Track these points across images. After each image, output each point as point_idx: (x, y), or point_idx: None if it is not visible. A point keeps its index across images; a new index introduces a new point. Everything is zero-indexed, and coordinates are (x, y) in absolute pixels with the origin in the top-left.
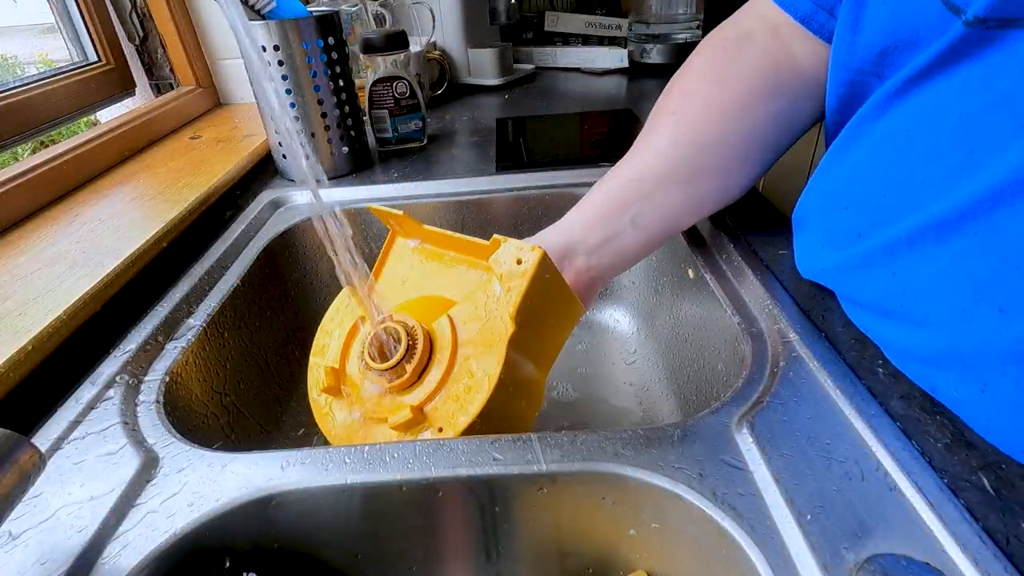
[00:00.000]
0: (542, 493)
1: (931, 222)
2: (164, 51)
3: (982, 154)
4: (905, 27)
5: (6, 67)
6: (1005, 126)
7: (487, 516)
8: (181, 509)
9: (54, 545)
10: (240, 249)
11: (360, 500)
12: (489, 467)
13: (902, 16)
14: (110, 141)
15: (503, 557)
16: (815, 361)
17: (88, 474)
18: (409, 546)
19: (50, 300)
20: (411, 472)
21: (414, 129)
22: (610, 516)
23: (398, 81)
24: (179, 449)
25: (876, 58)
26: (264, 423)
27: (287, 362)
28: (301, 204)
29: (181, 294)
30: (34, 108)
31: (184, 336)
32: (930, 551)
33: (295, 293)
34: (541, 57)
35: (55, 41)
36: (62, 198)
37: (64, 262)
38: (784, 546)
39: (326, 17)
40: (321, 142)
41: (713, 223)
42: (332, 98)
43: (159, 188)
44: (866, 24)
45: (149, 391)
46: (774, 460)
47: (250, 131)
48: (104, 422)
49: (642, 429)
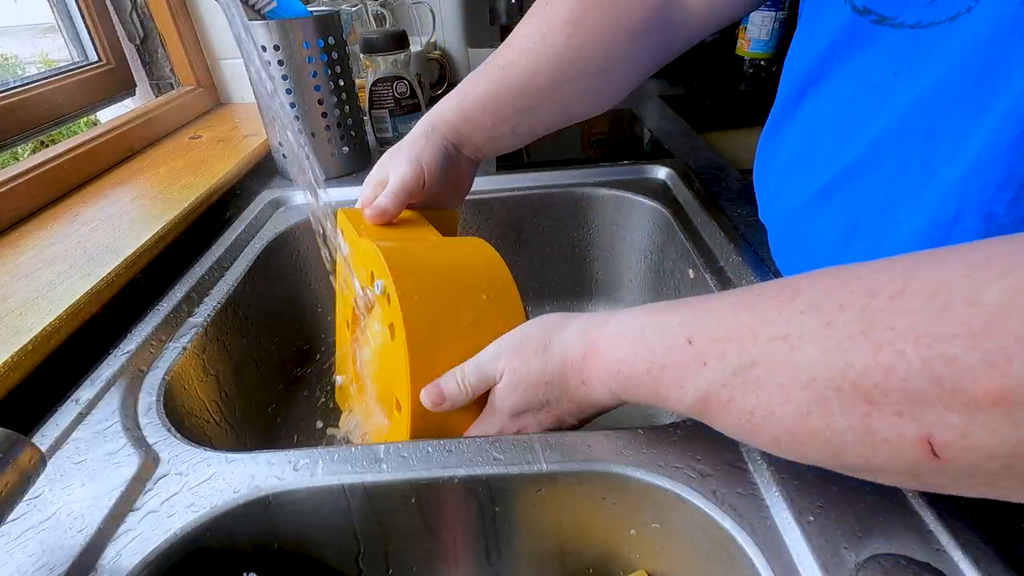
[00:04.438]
0: (542, 493)
1: (820, 187)
2: (164, 51)
3: (852, 131)
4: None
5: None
6: (872, 108)
7: (487, 516)
8: (181, 509)
9: (54, 545)
10: (240, 249)
11: (360, 500)
12: (489, 467)
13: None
14: (110, 141)
15: (503, 557)
16: None
17: (88, 474)
18: (409, 546)
19: (50, 300)
20: (410, 472)
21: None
22: (610, 516)
23: (398, 81)
24: (179, 449)
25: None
26: (264, 423)
27: (287, 361)
28: (301, 204)
29: (181, 294)
30: (34, 108)
31: (184, 336)
32: (930, 551)
33: (295, 293)
34: None
35: (55, 41)
36: (62, 198)
37: (64, 262)
38: (784, 546)
39: (326, 17)
40: (321, 142)
41: (714, 222)
42: (332, 98)
43: (159, 188)
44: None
45: (149, 391)
46: (774, 460)
47: (250, 131)
48: (104, 422)
49: (642, 429)
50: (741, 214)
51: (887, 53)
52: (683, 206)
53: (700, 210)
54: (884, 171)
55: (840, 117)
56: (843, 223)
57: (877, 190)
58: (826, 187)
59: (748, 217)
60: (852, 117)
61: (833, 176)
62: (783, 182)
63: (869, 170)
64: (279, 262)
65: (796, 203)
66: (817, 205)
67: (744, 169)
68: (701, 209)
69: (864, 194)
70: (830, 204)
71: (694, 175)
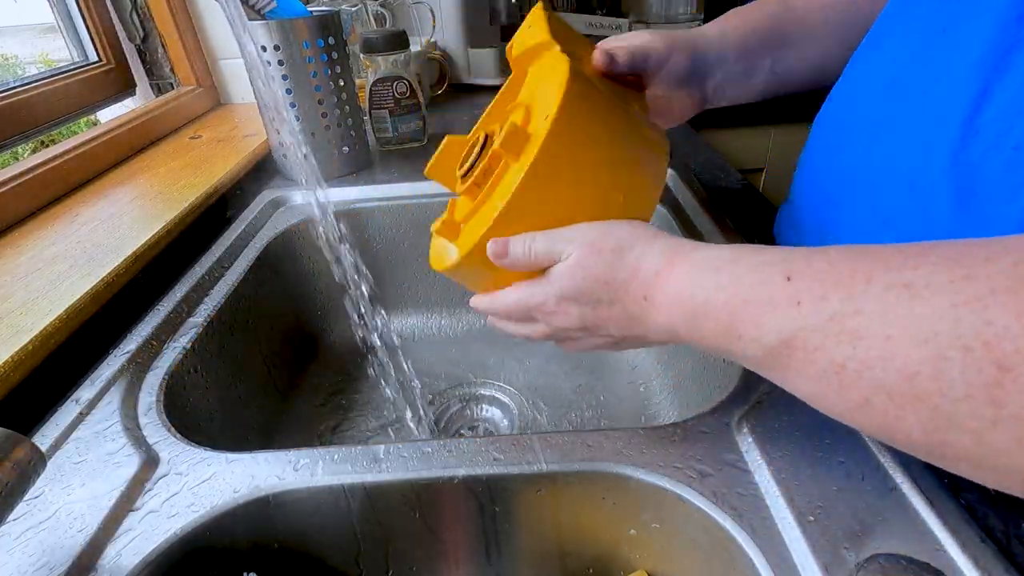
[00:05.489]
0: (542, 493)
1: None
2: (164, 51)
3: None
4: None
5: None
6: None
7: (487, 516)
8: (181, 509)
9: (54, 545)
10: (240, 249)
11: (360, 500)
12: (489, 467)
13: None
14: (110, 141)
15: (503, 557)
16: None
17: (88, 474)
18: (409, 546)
19: (50, 300)
20: (410, 472)
21: (414, 129)
22: (610, 516)
23: (398, 81)
24: (179, 449)
25: None
26: (265, 422)
27: (287, 361)
28: (301, 204)
29: (181, 294)
30: (34, 108)
31: (184, 336)
32: (930, 551)
33: (295, 292)
34: None
35: (56, 41)
36: (62, 198)
37: (65, 262)
38: (785, 546)
39: (326, 17)
40: (321, 142)
41: (714, 222)
42: (332, 98)
43: (159, 188)
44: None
45: (149, 391)
46: (775, 460)
47: (250, 131)
48: (104, 422)
49: (642, 429)
50: (741, 214)
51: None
52: (683, 206)
53: (700, 210)
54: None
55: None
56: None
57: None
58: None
59: (748, 217)
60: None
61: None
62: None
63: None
64: (279, 262)
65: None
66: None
67: (744, 169)
68: (701, 209)
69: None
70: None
71: (694, 175)
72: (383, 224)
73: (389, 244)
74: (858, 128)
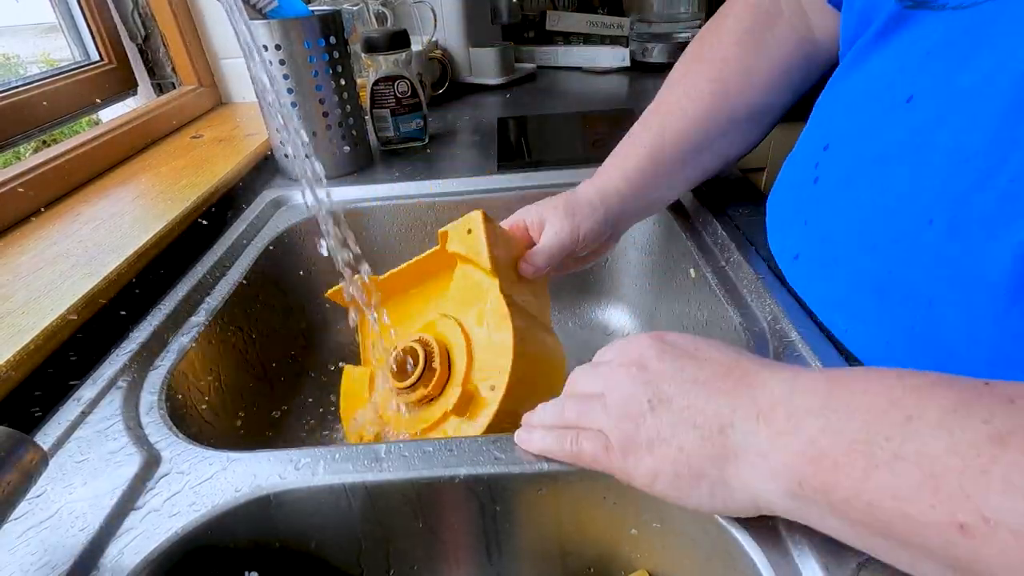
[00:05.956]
0: (543, 492)
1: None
2: (166, 50)
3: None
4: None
5: (8, 66)
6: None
7: (488, 515)
8: (183, 508)
9: (56, 544)
10: (242, 248)
11: (361, 500)
12: (490, 466)
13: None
14: (112, 140)
15: (504, 556)
16: (816, 360)
17: (90, 473)
18: (410, 546)
19: (52, 299)
20: (411, 472)
21: (415, 128)
22: (611, 515)
23: (400, 80)
24: (181, 448)
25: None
26: (266, 422)
27: (289, 361)
28: (302, 203)
29: (183, 293)
30: (36, 107)
31: (186, 335)
32: None
33: (296, 292)
34: (542, 56)
35: (57, 40)
36: (64, 197)
37: (66, 261)
38: (785, 545)
39: (328, 16)
40: (323, 141)
41: (715, 221)
42: (333, 97)
43: (161, 187)
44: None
45: (151, 390)
46: None
47: (251, 130)
48: (106, 421)
49: None
50: (742, 213)
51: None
52: (684, 205)
53: (701, 209)
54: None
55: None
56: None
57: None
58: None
59: (749, 216)
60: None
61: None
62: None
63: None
64: (280, 261)
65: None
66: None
67: (744, 169)
68: (702, 208)
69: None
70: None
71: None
72: (384, 223)
73: (390, 243)
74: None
